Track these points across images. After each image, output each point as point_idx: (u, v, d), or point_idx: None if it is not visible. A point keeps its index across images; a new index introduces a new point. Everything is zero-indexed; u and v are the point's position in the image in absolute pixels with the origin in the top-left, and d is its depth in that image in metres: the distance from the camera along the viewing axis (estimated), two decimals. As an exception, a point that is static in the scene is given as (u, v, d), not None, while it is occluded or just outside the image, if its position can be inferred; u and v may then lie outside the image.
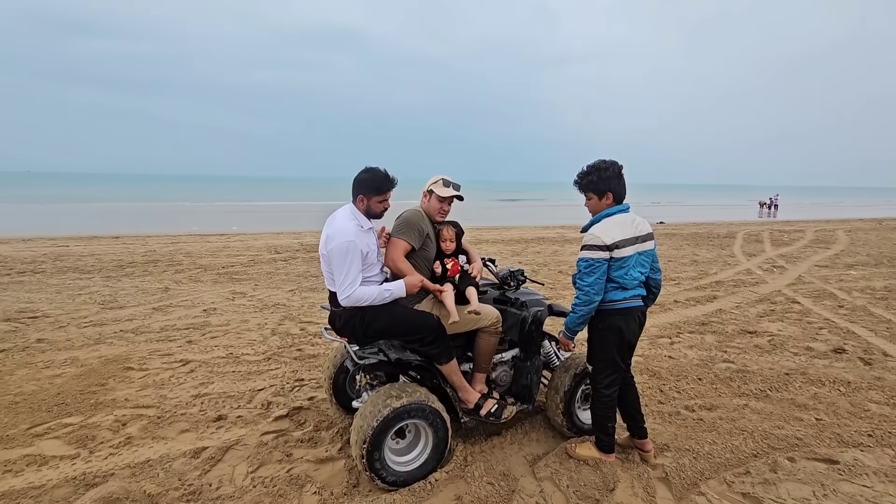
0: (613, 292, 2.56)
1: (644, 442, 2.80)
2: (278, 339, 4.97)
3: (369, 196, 2.64)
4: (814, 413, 3.37)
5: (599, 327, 2.64)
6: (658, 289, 2.78)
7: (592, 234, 2.52)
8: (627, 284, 2.55)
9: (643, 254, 2.59)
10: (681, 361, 4.36)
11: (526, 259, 10.51)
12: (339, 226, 2.55)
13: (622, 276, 2.53)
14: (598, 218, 2.60)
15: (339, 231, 2.52)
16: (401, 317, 2.64)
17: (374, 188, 2.63)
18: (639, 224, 2.59)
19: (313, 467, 2.75)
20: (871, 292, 7.13)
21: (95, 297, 6.71)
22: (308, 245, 12.38)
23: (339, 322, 2.70)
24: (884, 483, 2.58)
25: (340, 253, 2.47)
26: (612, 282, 2.54)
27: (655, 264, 2.72)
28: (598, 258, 2.48)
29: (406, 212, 2.89)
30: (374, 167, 2.67)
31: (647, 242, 2.60)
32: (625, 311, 2.58)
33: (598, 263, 2.48)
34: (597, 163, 2.60)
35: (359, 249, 2.52)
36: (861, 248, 12.43)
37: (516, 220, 24.39)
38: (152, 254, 10.61)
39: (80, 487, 2.54)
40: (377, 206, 2.67)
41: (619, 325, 2.58)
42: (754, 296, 6.98)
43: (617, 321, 2.58)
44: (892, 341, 4.87)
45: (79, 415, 3.34)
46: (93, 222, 19.27)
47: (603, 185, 2.57)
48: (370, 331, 2.63)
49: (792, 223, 21.76)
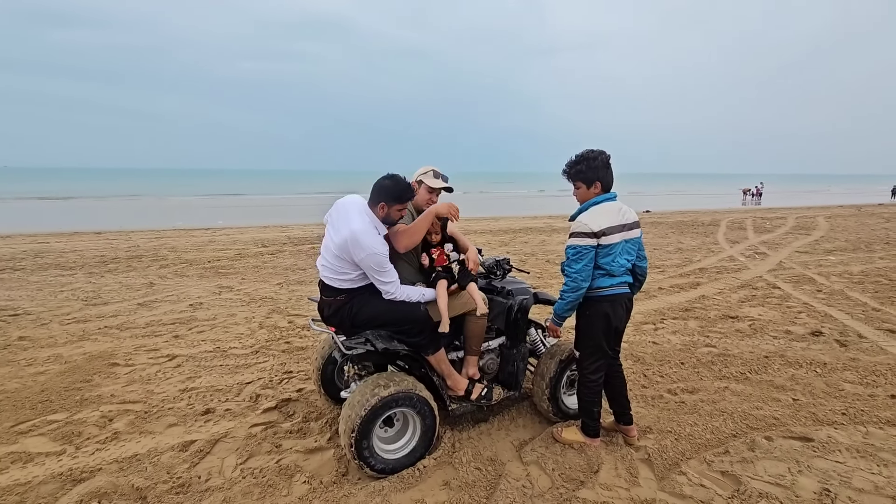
0: (601, 279, 2.61)
1: (629, 428, 2.86)
2: (266, 333, 4.96)
3: (391, 204, 2.61)
4: (791, 394, 3.47)
5: (587, 314, 2.69)
6: (644, 276, 2.84)
7: (580, 221, 2.56)
8: (614, 271, 2.59)
9: (629, 241, 2.64)
10: (664, 347, 4.45)
11: (514, 249, 10.57)
12: (366, 238, 2.47)
13: (609, 262, 2.57)
14: (585, 206, 2.64)
15: (369, 244, 2.46)
16: (387, 307, 2.65)
17: (396, 197, 2.60)
18: (625, 212, 2.64)
19: (302, 457, 2.77)
20: (849, 277, 7.32)
21: (78, 293, 6.61)
22: (295, 238, 12.30)
23: (328, 311, 2.71)
24: (855, 458, 2.68)
25: (378, 264, 2.52)
26: (600, 269, 2.59)
27: (641, 252, 2.77)
28: (586, 245, 2.53)
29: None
30: (396, 175, 2.64)
31: (634, 230, 2.65)
32: (612, 298, 2.63)
33: (586, 251, 2.54)
34: (585, 152, 2.64)
35: (385, 246, 2.58)
36: (840, 234, 12.73)
37: (504, 210, 24.47)
38: (136, 249, 10.45)
39: (66, 483, 2.53)
40: (396, 213, 2.66)
41: (607, 312, 2.63)
42: (736, 282, 7.12)
43: (604, 308, 2.63)
44: (868, 324, 5.03)
45: (64, 411, 3.31)
46: (73, 218, 18.90)
47: (592, 174, 2.61)
48: (358, 320, 2.65)
49: (774, 210, 22.17)
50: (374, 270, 2.53)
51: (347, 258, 2.51)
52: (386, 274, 2.56)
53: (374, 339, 2.62)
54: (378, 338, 2.63)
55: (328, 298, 2.70)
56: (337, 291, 2.65)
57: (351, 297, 2.63)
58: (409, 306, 2.69)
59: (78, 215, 20.68)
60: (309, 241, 11.85)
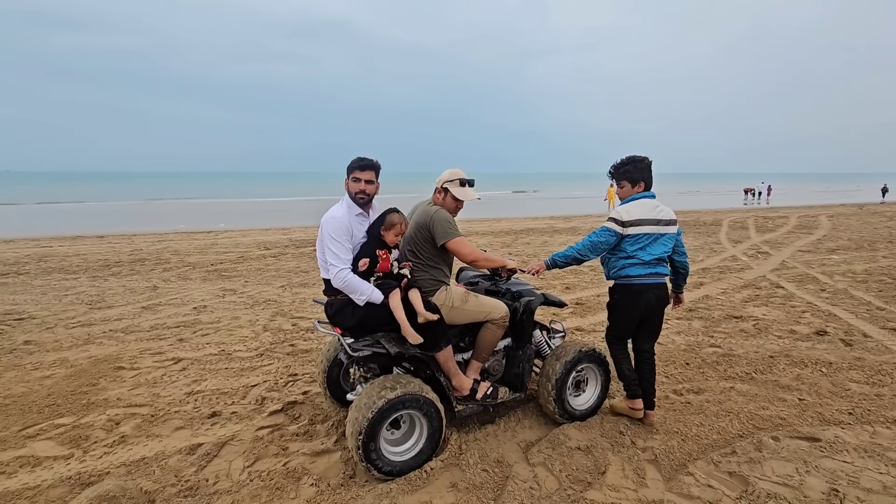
0: (631, 268, 2.91)
1: (649, 413, 3.07)
2: (270, 335, 4.97)
3: (347, 176, 2.76)
4: (797, 394, 3.46)
5: (616, 297, 3.05)
6: (685, 269, 3.17)
7: (617, 210, 2.95)
8: (644, 258, 2.89)
9: (665, 236, 2.94)
10: (669, 347, 4.44)
11: (516, 250, 10.58)
12: (334, 210, 2.72)
13: (637, 251, 2.89)
14: (628, 200, 3.01)
15: (332, 213, 2.69)
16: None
17: (348, 167, 2.77)
18: (661, 210, 2.94)
19: (309, 460, 2.77)
20: (852, 276, 7.31)
21: (82, 297, 6.63)
22: (298, 241, 12.32)
23: (331, 310, 2.73)
24: (863, 458, 2.67)
25: (329, 229, 2.61)
26: (630, 257, 2.91)
27: (680, 248, 3.08)
28: (612, 229, 2.90)
29: (438, 211, 2.84)
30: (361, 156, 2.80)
31: (670, 227, 2.95)
32: (640, 289, 2.92)
33: (610, 233, 2.90)
34: (633, 156, 3.00)
35: (347, 228, 2.64)
36: (843, 232, 12.71)
37: (506, 211, 24.47)
38: (139, 252, 10.48)
39: (75, 487, 2.54)
40: (352, 185, 2.74)
41: (633, 301, 2.95)
42: (740, 281, 7.11)
43: (631, 297, 2.95)
44: (872, 323, 5.02)
45: (71, 415, 3.32)
46: (76, 222, 18.96)
47: (637, 174, 2.98)
48: (366, 321, 2.65)
49: (776, 210, 22.15)
50: (328, 239, 2.58)
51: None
52: (338, 246, 2.58)
53: (386, 343, 2.62)
54: (391, 341, 2.64)
55: (330, 297, 2.74)
56: (336, 289, 2.66)
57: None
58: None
59: (80, 219, 20.74)
60: (311, 243, 11.87)
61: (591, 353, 3.10)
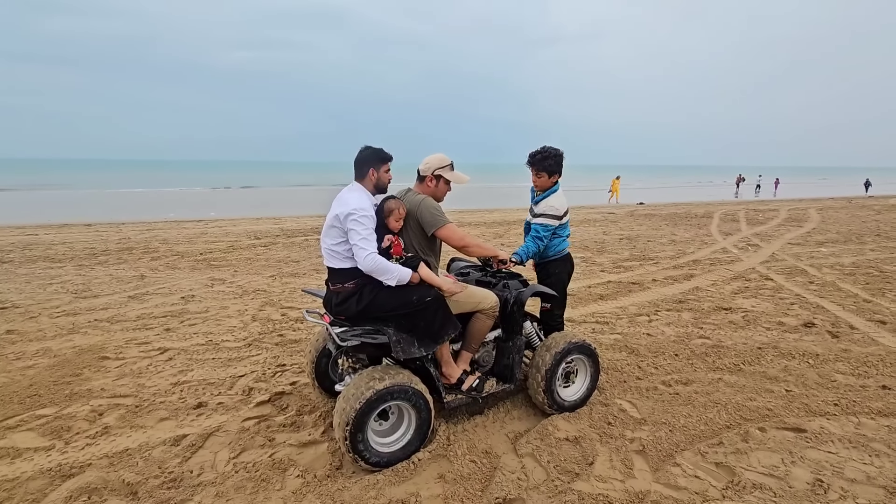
0: (564, 242, 3.46)
1: None
2: (259, 325, 4.91)
3: (378, 167, 2.73)
4: (784, 385, 3.49)
5: (560, 268, 3.46)
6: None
7: (552, 205, 3.29)
8: (566, 235, 3.47)
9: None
10: (658, 338, 4.46)
11: (508, 241, 10.56)
12: (356, 199, 2.62)
13: (564, 231, 3.44)
14: (550, 193, 3.35)
15: (357, 203, 2.59)
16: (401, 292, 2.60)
17: (380, 158, 2.73)
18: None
19: (296, 451, 2.74)
20: (840, 268, 7.38)
21: (68, 286, 6.52)
22: (288, 230, 12.21)
23: (336, 299, 2.65)
24: (848, 449, 2.70)
25: (363, 217, 2.55)
26: (561, 236, 3.42)
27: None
28: (554, 225, 3.32)
29: (425, 199, 2.81)
30: (369, 145, 2.77)
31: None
32: (569, 256, 3.51)
33: (553, 228, 3.33)
34: (552, 149, 3.28)
35: (373, 216, 2.63)
36: (831, 225, 12.83)
37: (498, 202, 24.41)
38: (126, 241, 10.33)
39: (55, 479, 2.49)
40: (385, 175, 2.76)
41: (572, 265, 3.55)
42: (730, 273, 7.15)
43: (569, 263, 3.52)
44: (859, 315, 5.07)
45: (53, 406, 3.26)
46: (62, 210, 18.63)
47: (557, 167, 3.29)
48: (370, 310, 2.60)
49: (766, 202, 22.32)
50: (357, 226, 2.52)
51: (338, 225, 2.57)
52: (367, 231, 2.56)
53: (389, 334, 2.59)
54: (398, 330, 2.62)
55: (335, 287, 2.66)
56: (344, 277, 2.61)
57: (360, 286, 2.59)
58: (419, 289, 2.63)
59: (67, 207, 20.40)
60: (302, 232, 11.77)
61: (582, 344, 3.09)
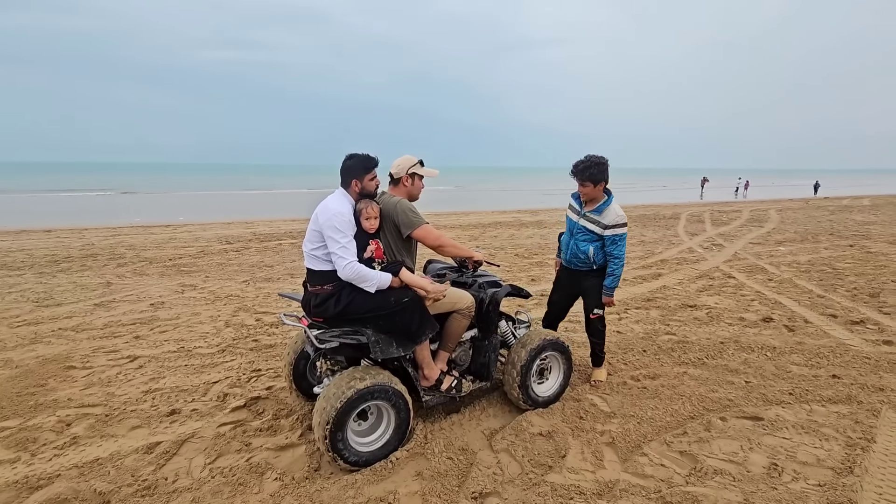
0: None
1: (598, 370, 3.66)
2: (233, 331, 4.85)
3: (362, 177, 2.75)
4: (744, 377, 3.68)
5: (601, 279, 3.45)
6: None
7: (620, 214, 3.27)
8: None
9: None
10: (628, 336, 4.62)
11: (484, 243, 10.69)
12: (337, 205, 2.68)
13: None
14: (608, 202, 3.31)
15: (337, 209, 2.65)
16: (378, 295, 2.63)
17: (364, 167, 2.76)
18: None
19: (273, 455, 2.74)
20: (797, 266, 7.78)
21: (28, 294, 6.27)
22: (261, 235, 12.02)
23: (315, 301, 2.68)
24: (800, 434, 2.88)
25: (342, 224, 2.59)
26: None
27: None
28: (626, 233, 3.31)
29: (400, 201, 2.86)
30: (355, 153, 2.79)
31: None
32: None
33: (626, 235, 3.31)
34: (595, 157, 3.22)
35: (351, 223, 2.67)
36: (790, 225, 13.47)
37: (473, 205, 24.61)
38: (90, 247, 9.97)
39: (23, 491, 2.43)
40: (370, 184, 2.78)
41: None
42: (695, 272, 7.45)
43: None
44: (813, 310, 5.37)
45: (17, 417, 3.16)
46: (20, 215, 17.81)
47: (601, 175, 3.22)
48: (348, 312, 2.63)
49: (730, 204, 23.20)
50: (335, 234, 2.56)
51: (318, 229, 2.62)
52: (346, 239, 2.59)
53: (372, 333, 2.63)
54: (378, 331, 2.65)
55: (314, 288, 2.69)
56: (323, 279, 2.64)
57: (339, 288, 2.62)
58: (397, 290, 2.67)
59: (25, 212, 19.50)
60: (276, 237, 11.61)
61: (556, 341, 3.20)
